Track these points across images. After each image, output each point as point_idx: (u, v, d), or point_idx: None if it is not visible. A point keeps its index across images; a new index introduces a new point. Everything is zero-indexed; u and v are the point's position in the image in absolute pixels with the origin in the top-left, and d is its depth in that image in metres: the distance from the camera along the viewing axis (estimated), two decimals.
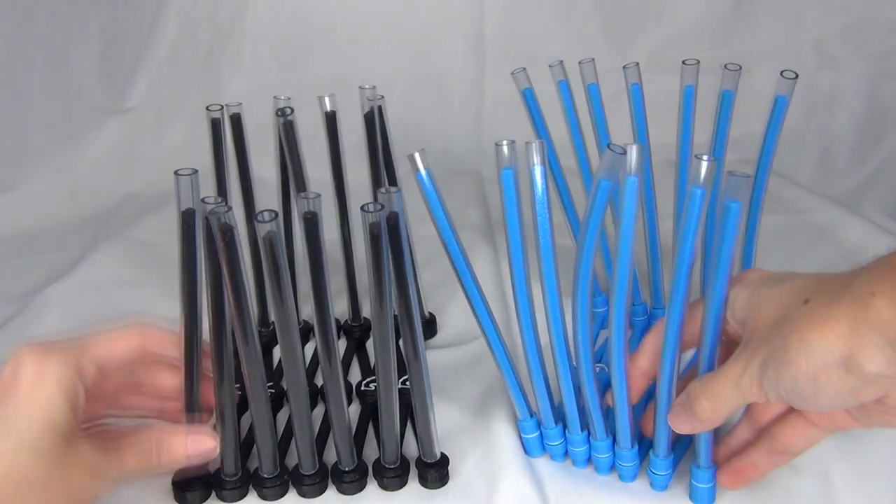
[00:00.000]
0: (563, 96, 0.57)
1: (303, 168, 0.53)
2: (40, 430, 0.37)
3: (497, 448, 0.48)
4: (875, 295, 0.32)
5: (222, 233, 0.38)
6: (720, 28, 0.97)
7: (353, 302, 0.60)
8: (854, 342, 0.32)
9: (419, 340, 0.43)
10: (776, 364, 0.35)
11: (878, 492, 0.46)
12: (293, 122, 0.52)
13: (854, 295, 0.33)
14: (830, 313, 0.33)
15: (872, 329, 0.32)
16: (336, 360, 0.43)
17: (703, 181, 0.34)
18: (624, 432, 0.44)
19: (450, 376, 0.56)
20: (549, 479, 0.46)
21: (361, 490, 0.46)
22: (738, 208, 0.35)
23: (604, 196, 0.36)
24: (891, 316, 0.32)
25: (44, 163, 0.89)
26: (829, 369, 0.33)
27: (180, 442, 0.42)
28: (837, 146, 0.92)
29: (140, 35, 0.95)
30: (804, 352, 0.34)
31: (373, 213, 0.38)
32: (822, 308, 0.34)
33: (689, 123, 0.55)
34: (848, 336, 0.33)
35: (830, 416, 0.40)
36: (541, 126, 0.57)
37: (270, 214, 0.38)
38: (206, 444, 0.42)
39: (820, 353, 0.33)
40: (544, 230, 0.40)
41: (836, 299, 0.33)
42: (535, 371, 0.44)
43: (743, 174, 0.34)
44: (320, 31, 0.97)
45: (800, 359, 0.34)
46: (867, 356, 0.32)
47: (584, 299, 0.40)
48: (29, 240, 0.79)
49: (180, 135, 0.93)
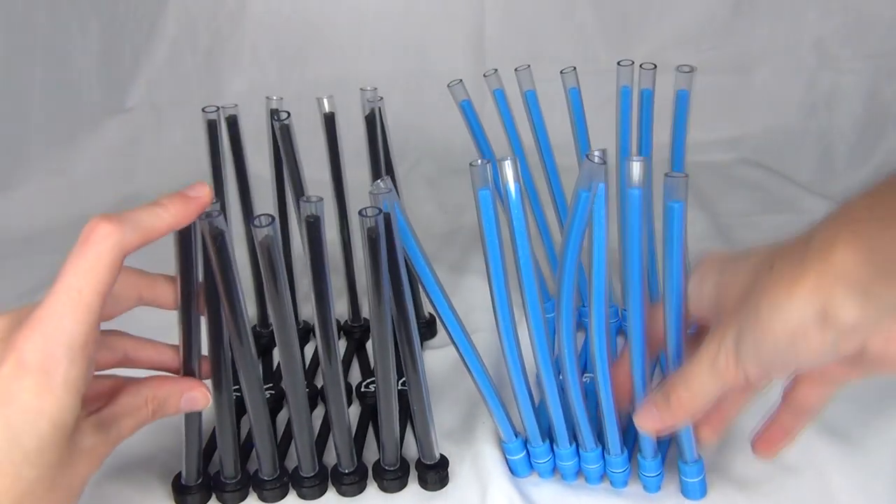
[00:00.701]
0: (499, 106, 0.57)
1: (300, 171, 0.53)
2: (46, 439, 0.35)
3: (497, 450, 0.48)
4: (836, 246, 0.31)
5: (213, 237, 0.38)
6: (720, 28, 0.97)
7: (353, 303, 0.60)
8: (824, 296, 0.32)
9: (415, 342, 0.43)
10: (753, 334, 0.34)
11: (878, 492, 0.46)
12: (289, 126, 0.52)
13: (816, 250, 0.32)
14: (796, 272, 0.33)
15: (839, 280, 0.31)
16: (337, 362, 0.43)
17: (637, 181, 0.35)
18: (613, 438, 0.43)
19: (450, 377, 0.56)
20: (547, 480, 0.46)
21: (361, 492, 0.46)
22: (681, 208, 0.35)
23: (584, 207, 0.36)
24: (854, 264, 0.31)
25: (44, 163, 0.89)
26: (805, 328, 0.33)
27: (174, 403, 0.41)
28: (837, 146, 0.92)
29: (140, 35, 0.95)
30: (778, 315, 0.33)
31: (370, 218, 0.38)
32: (788, 269, 0.33)
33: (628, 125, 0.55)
34: (817, 291, 0.32)
35: (827, 372, 0.40)
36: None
37: (267, 219, 0.38)
38: (200, 402, 0.42)
39: (793, 313, 0.33)
40: (523, 248, 0.39)
41: (800, 258, 0.33)
42: (519, 390, 0.43)
43: (680, 174, 0.35)
44: (320, 31, 0.97)
45: (774, 324, 0.33)
46: (840, 307, 0.32)
47: (569, 310, 0.39)
48: (29, 240, 0.79)
49: (180, 135, 0.93)
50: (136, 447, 0.49)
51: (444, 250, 0.74)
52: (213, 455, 0.48)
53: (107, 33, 0.93)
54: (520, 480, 0.46)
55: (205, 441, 0.47)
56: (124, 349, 0.42)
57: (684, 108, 0.52)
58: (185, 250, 0.39)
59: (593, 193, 0.35)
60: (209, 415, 0.44)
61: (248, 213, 0.57)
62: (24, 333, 0.34)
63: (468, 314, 0.62)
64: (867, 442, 0.49)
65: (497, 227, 0.39)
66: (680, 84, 0.52)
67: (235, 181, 0.56)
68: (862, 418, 0.51)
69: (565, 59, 0.57)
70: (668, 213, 0.36)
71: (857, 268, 0.31)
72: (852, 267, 0.31)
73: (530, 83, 0.55)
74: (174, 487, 0.45)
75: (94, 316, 0.35)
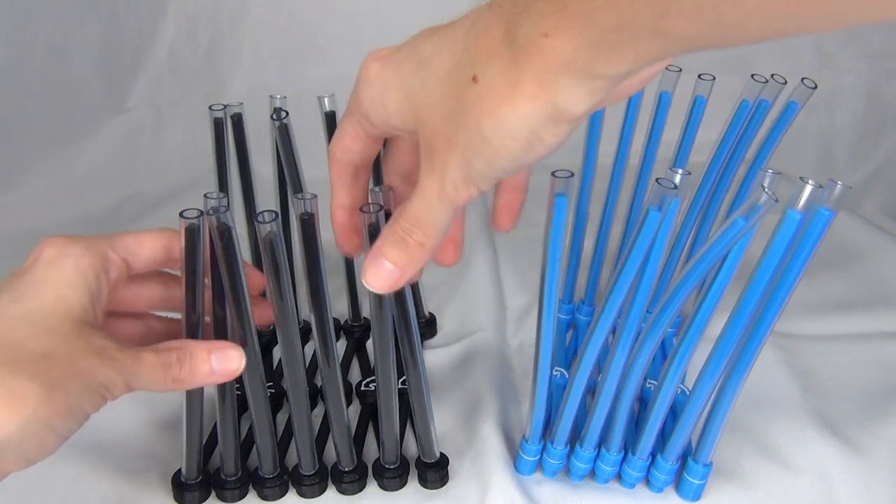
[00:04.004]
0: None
1: (298, 169, 0.53)
2: (47, 305, 0.36)
3: (497, 448, 0.48)
4: (548, 35, 0.28)
5: (220, 232, 0.38)
6: None
7: (353, 301, 0.60)
8: (550, 94, 0.29)
9: (416, 341, 0.43)
10: (484, 157, 0.31)
11: (879, 492, 0.46)
12: (287, 125, 0.52)
13: (526, 47, 0.29)
14: (511, 77, 0.29)
15: (560, 72, 0.28)
16: (335, 361, 0.43)
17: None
18: (647, 444, 0.44)
19: (451, 376, 0.56)
20: (548, 479, 0.47)
21: (361, 490, 0.46)
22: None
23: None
24: (571, 49, 0.28)
25: (44, 163, 0.89)
26: (540, 132, 0.30)
27: (203, 357, 0.39)
28: (837, 146, 0.92)
29: (140, 35, 0.95)
30: (506, 132, 0.30)
31: (372, 214, 0.38)
32: (499, 78, 0.30)
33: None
34: (541, 92, 0.29)
35: None
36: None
37: (270, 215, 0.38)
38: (233, 361, 0.39)
39: (522, 122, 0.30)
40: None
41: (509, 62, 0.29)
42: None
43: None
44: (320, 30, 0.97)
45: (505, 140, 0.30)
46: (569, 100, 0.29)
47: (636, 319, 0.39)
48: (29, 240, 0.79)
49: (180, 135, 0.93)
50: (136, 444, 0.50)
51: None
52: (213, 452, 0.48)
53: (107, 33, 0.93)
54: (521, 479, 0.46)
55: (205, 438, 0.47)
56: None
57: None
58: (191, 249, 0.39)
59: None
60: (209, 412, 0.44)
61: (251, 213, 0.57)
62: None
63: (468, 314, 0.63)
64: (867, 442, 0.49)
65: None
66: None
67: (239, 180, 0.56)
68: (862, 419, 0.51)
69: None
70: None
71: (575, 52, 0.28)
72: (571, 53, 0.28)
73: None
74: (174, 484, 0.45)
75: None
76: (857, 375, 0.55)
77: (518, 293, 0.66)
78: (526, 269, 0.70)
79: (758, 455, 0.48)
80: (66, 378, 0.33)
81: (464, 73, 0.31)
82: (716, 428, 0.42)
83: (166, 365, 0.37)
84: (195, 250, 0.39)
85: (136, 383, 0.36)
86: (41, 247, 0.38)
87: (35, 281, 0.37)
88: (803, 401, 0.52)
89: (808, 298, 0.64)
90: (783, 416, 0.51)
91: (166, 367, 0.37)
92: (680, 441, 0.43)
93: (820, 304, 0.63)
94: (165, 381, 0.37)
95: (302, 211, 0.39)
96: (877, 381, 0.55)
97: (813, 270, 0.67)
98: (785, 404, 0.52)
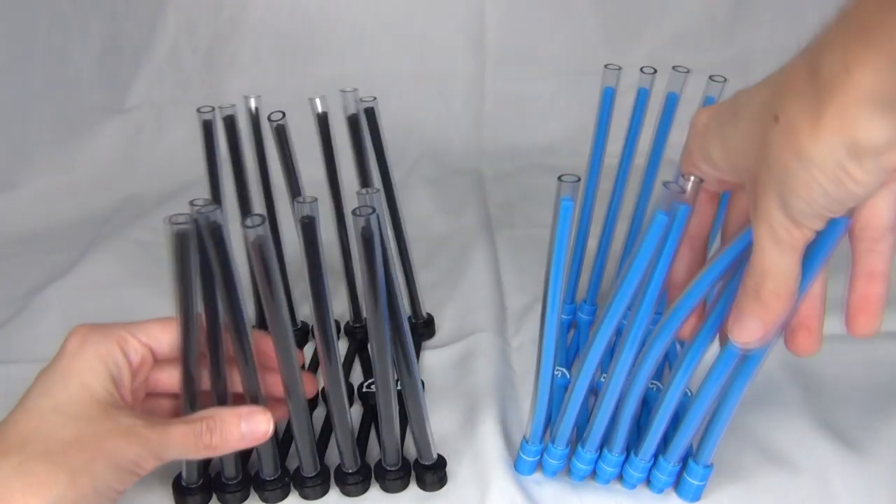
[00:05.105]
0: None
1: (296, 172, 0.53)
2: (73, 394, 0.39)
3: (497, 449, 0.48)
4: (850, 70, 0.28)
5: (211, 230, 0.38)
6: (720, 28, 0.97)
7: (354, 303, 0.60)
8: (850, 128, 0.29)
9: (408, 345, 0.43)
10: (796, 194, 0.31)
11: (878, 492, 0.46)
12: (285, 126, 0.51)
13: (828, 84, 0.29)
14: (811, 115, 0.30)
15: (860, 104, 0.29)
16: (337, 363, 0.42)
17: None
18: (650, 445, 0.44)
19: (450, 376, 0.56)
20: (548, 479, 0.46)
21: (365, 491, 0.46)
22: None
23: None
24: (873, 81, 0.28)
25: (44, 163, 0.89)
26: (846, 166, 0.30)
27: (233, 422, 0.41)
28: None
29: (140, 35, 0.95)
30: (812, 166, 0.30)
31: (364, 217, 0.38)
32: (799, 115, 0.30)
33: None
34: (841, 126, 0.29)
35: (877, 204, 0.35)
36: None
37: (258, 219, 0.38)
38: (262, 425, 0.41)
39: (826, 157, 0.30)
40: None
41: (811, 98, 0.30)
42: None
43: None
44: (320, 31, 0.97)
45: (813, 172, 0.30)
46: (870, 133, 0.29)
47: (644, 322, 0.39)
48: (29, 240, 0.79)
49: (180, 135, 0.93)
50: None
51: (444, 250, 0.74)
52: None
53: (107, 33, 0.93)
54: (520, 480, 0.46)
55: None
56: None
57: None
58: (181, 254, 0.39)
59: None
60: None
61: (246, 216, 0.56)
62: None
63: (468, 314, 0.63)
64: (868, 442, 0.49)
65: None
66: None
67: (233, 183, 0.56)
68: (862, 419, 0.51)
69: (565, 59, 0.57)
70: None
71: (879, 81, 0.28)
72: (874, 83, 0.28)
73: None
74: (174, 488, 0.45)
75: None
76: (857, 375, 0.55)
77: (518, 293, 0.66)
78: (526, 269, 0.70)
79: (758, 455, 0.48)
80: (92, 460, 0.37)
81: (767, 115, 0.32)
82: (717, 431, 0.42)
83: (198, 434, 0.40)
84: (184, 256, 0.39)
85: (167, 455, 0.39)
86: (67, 338, 0.42)
87: (61, 372, 0.40)
88: (804, 401, 0.52)
89: None
90: (783, 416, 0.51)
91: (198, 435, 0.40)
92: (683, 443, 0.43)
93: None
94: (198, 448, 0.40)
95: (303, 214, 0.39)
96: (877, 381, 0.55)
97: None
98: (785, 404, 0.52)
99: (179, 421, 0.40)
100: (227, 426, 0.41)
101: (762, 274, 0.35)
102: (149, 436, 0.39)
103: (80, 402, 0.39)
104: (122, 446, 0.38)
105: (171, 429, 0.40)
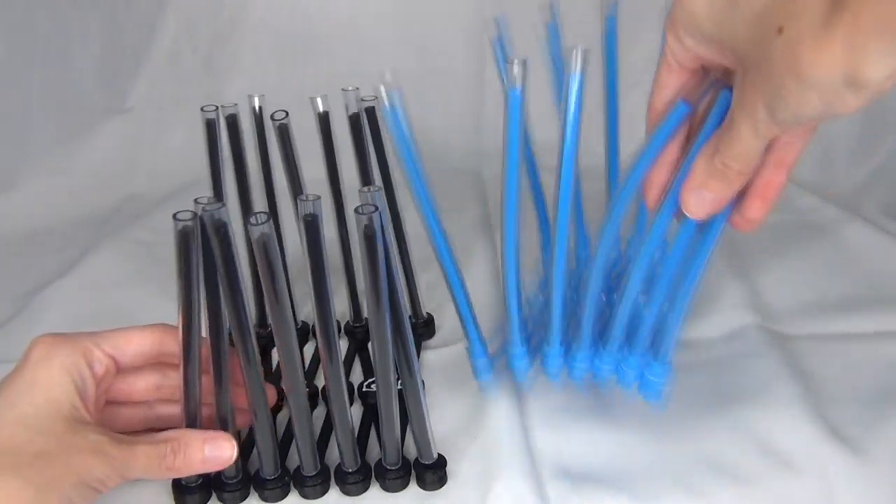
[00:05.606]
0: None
1: (299, 171, 0.53)
2: (40, 408, 0.39)
3: (497, 447, 0.48)
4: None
5: (216, 229, 0.38)
6: None
7: (354, 302, 0.60)
8: (855, 60, 0.29)
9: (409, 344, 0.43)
10: (787, 107, 0.32)
11: (878, 492, 0.46)
12: (288, 125, 0.51)
13: (841, 7, 0.28)
14: (815, 37, 0.29)
15: (871, 35, 0.28)
16: (338, 362, 0.43)
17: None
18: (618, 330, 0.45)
19: (450, 376, 0.56)
20: (549, 479, 0.46)
21: (365, 490, 0.46)
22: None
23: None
24: (884, 12, 0.27)
25: (44, 163, 0.89)
26: (841, 94, 0.30)
27: (197, 445, 0.41)
28: (837, 146, 0.92)
29: (140, 35, 0.95)
30: (810, 89, 0.31)
31: (366, 215, 0.38)
32: (805, 34, 0.30)
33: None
34: (847, 57, 0.29)
35: None
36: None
37: (263, 217, 0.38)
38: (225, 450, 0.42)
39: (825, 83, 0.30)
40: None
41: (819, 18, 0.29)
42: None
43: None
44: (320, 31, 0.97)
45: (806, 95, 0.31)
46: (874, 69, 0.29)
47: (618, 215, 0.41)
48: (29, 240, 0.79)
49: (180, 135, 0.93)
50: None
51: None
52: None
53: (107, 33, 0.93)
54: (521, 479, 0.46)
55: None
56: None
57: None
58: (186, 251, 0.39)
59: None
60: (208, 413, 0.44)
61: (247, 215, 0.57)
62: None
63: None
64: (868, 442, 0.49)
65: (520, 131, 0.40)
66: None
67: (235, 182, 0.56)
68: (862, 419, 0.51)
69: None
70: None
71: (890, 13, 0.27)
72: (890, 14, 0.27)
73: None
74: (174, 487, 0.45)
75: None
76: (857, 375, 0.55)
77: None
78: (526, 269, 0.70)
79: (758, 455, 0.48)
80: (60, 477, 0.37)
81: (770, 22, 0.31)
82: (675, 320, 0.43)
83: (161, 455, 0.40)
84: (189, 253, 0.39)
85: (130, 474, 0.40)
86: (31, 347, 0.41)
87: (28, 383, 0.40)
88: (803, 401, 0.52)
89: (808, 298, 0.64)
90: (783, 416, 0.51)
91: (161, 457, 0.40)
92: (648, 329, 0.44)
93: (820, 304, 0.63)
94: (161, 470, 0.41)
95: (306, 212, 0.39)
96: (877, 381, 0.55)
97: (813, 270, 0.67)
98: (785, 404, 0.52)
99: (144, 440, 0.41)
100: (190, 449, 0.41)
101: (734, 156, 0.37)
102: (115, 454, 0.39)
103: (48, 416, 0.39)
104: (89, 464, 0.38)
105: (136, 449, 0.40)
